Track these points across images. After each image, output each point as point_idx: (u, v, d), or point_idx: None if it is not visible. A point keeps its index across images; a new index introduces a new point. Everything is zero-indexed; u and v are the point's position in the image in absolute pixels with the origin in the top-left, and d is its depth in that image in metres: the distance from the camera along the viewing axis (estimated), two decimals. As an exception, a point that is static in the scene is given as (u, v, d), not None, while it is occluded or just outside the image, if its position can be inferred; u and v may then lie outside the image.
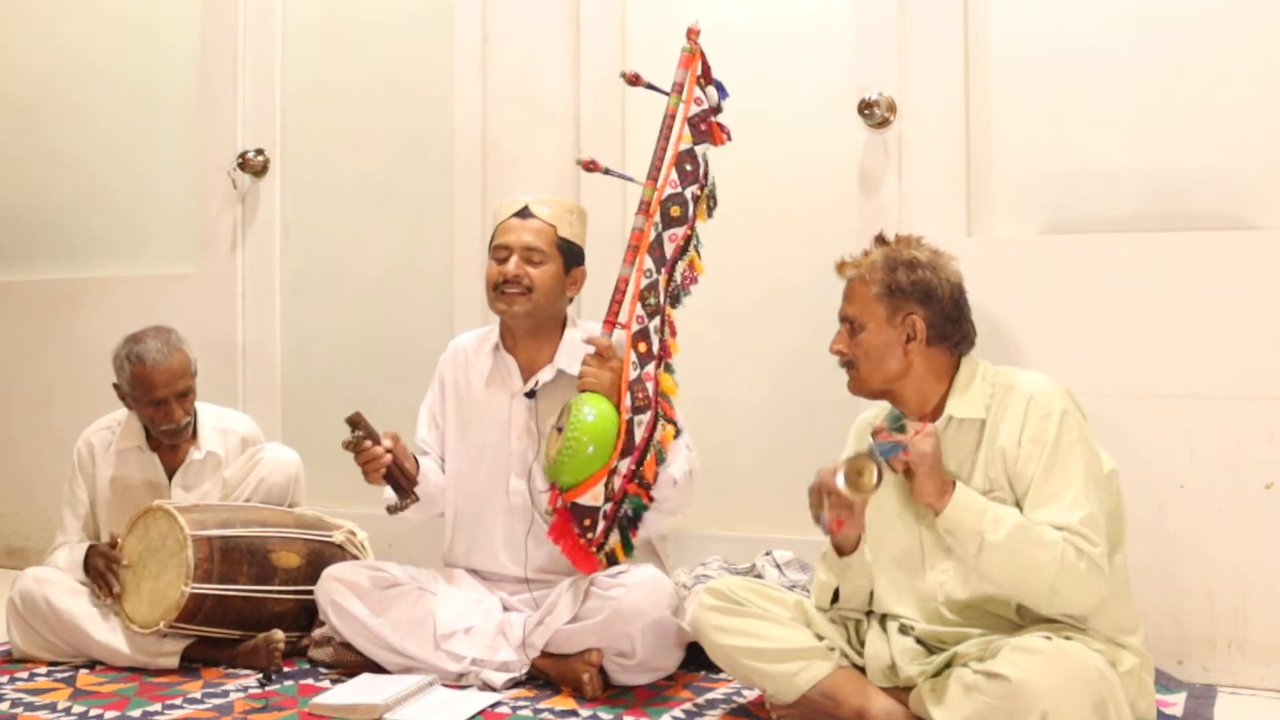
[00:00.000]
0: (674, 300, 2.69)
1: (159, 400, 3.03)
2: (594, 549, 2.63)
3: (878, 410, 2.49)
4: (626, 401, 2.61)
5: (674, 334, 2.70)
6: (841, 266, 2.41)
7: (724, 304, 3.30)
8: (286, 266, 3.92)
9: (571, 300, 2.92)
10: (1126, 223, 2.88)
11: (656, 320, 2.65)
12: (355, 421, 2.71)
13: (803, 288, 3.18)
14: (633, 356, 2.64)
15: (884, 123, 3.08)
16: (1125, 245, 2.85)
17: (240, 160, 3.91)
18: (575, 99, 3.47)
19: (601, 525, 2.63)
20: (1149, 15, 2.85)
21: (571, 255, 2.86)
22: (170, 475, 3.13)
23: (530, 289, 2.79)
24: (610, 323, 2.68)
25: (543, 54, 3.52)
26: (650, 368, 2.64)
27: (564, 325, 2.90)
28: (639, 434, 2.61)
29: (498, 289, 2.82)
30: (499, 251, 2.83)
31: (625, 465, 2.61)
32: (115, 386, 3.11)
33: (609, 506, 2.62)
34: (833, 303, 2.42)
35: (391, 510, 2.80)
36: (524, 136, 3.55)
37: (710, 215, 2.73)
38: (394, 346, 3.76)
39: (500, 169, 3.58)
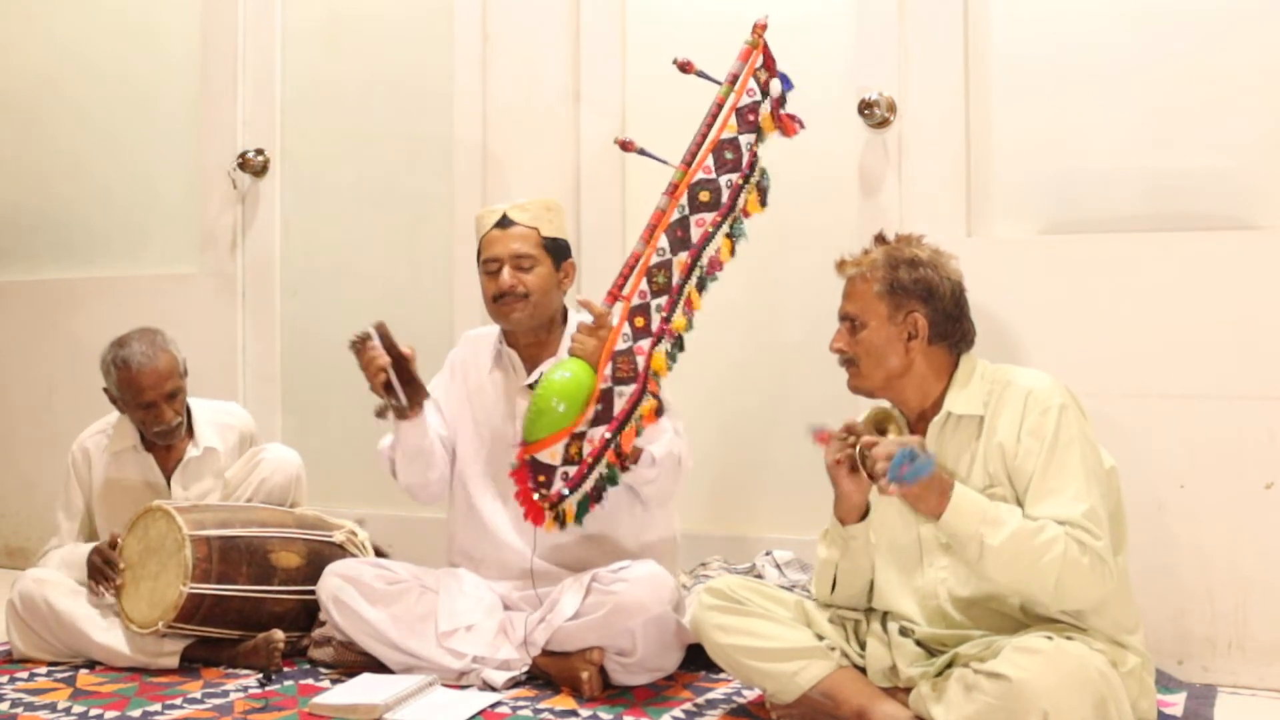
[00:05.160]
0: (700, 285, 2.67)
1: (148, 403, 3.02)
2: (545, 505, 2.61)
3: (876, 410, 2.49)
4: (607, 371, 2.60)
5: (691, 310, 2.67)
6: (842, 265, 2.41)
7: (723, 303, 3.28)
8: (286, 266, 3.92)
9: (565, 292, 2.93)
10: (1126, 223, 2.87)
11: (662, 299, 2.64)
12: (378, 329, 2.73)
13: (802, 287, 3.18)
14: (626, 329, 2.63)
15: (884, 123, 3.08)
16: (1125, 245, 2.85)
17: (240, 160, 3.90)
18: (575, 99, 3.47)
19: (558, 485, 2.60)
20: (1149, 15, 2.85)
21: (559, 251, 2.88)
22: (168, 474, 3.13)
23: (527, 294, 2.83)
24: (613, 295, 2.68)
25: (542, 54, 3.52)
26: (645, 343, 2.63)
27: (565, 315, 2.93)
28: (619, 404, 2.60)
29: (496, 301, 2.85)
30: (489, 264, 2.86)
31: (599, 433, 2.59)
32: (105, 391, 3.10)
33: (573, 470, 2.60)
34: (832, 302, 2.42)
35: (379, 414, 2.81)
36: (524, 136, 3.54)
37: (764, 204, 2.70)
38: (394, 347, 3.76)
39: (500, 169, 3.58)
